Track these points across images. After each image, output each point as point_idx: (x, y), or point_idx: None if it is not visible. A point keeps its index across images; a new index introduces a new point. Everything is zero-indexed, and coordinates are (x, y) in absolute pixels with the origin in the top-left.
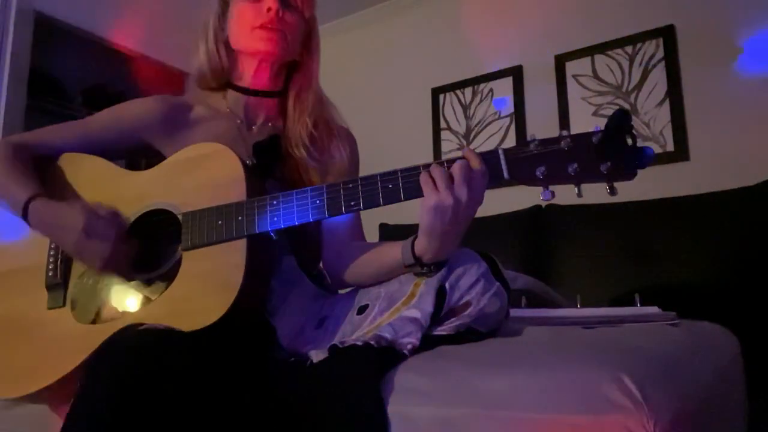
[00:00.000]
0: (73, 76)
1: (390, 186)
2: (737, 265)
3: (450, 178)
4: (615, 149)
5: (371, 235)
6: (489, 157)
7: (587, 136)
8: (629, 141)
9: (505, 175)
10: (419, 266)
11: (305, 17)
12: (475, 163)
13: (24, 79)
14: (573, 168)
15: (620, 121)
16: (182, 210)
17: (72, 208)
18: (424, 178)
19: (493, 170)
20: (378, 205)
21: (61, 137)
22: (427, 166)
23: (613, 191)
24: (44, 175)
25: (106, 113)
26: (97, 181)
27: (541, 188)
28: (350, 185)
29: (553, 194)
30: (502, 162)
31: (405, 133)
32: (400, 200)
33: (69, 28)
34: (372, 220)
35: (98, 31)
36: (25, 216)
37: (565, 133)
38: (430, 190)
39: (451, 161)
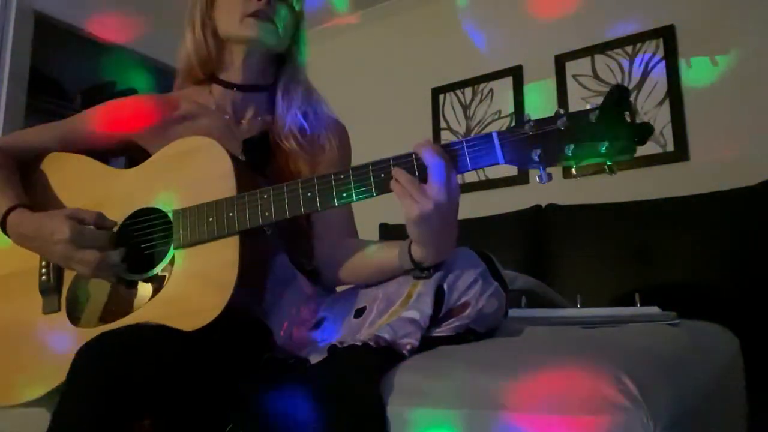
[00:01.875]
0: (73, 76)
1: (382, 175)
2: (737, 265)
3: (422, 182)
4: (613, 127)
5: (371, 235)
6: (483, 141)
7: (584, 114)
8: (627, 117)
9: (501, 159)
10: (419, 270)
11: (294, 8)
12: (439, 159)
13: (24, 79)
14: (570, 148)
15: (618, 97)
16: (171, 208)
17: (54, 219)
18: (397, 189)
19: (488, 154)
20: (371, 196)
21: (44, 139)
22: (403, 159)
23: (612, 171)
24: (29, 176)
25: (90, 113)
26: (84, 181)
27: (537, 170)
28: (341, 176)
29: (550, 176)
30: (497, 145)
31: (405, 133)
32: (392, 191)
33: (69, 28)
34: (372, 220)
35: (98, 32)
36: (3, 228)
37: (561, 111)
38: (409, 201)
39: (417, 159)
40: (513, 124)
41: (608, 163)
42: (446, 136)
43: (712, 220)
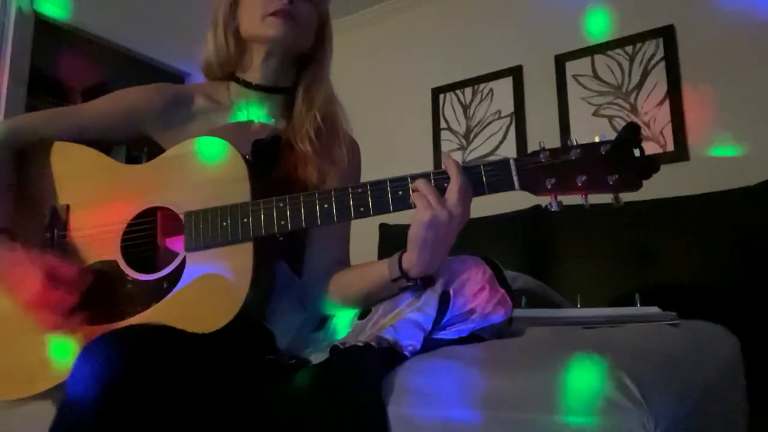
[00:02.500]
0: (73, 76)
1: (400, 193)
2: (737, 265)
3: (443, 193)
4: (623, 161)
5: (371, 235)
6: (500, 167)
7: (596, 146)
8: (636, 152)
9: (516, 186)
10: (405, 279)
11: (319, 9)
12: (463, 176)
13: (24, 79)
14: (582, 179)
15: (630, 134)
16: (184, 208)
17: (28, 267)
18: (415, 196)
19: (504, 180)
20: (387, 212)
21: (55, 125)
22: (423, 176)
23: (618, 202)
24: (32, 165)
25: (103, 100)
26: (92, 174)
27: (548, 197)
28: (359, 190)
29: (560, 204)
30: (513, 172)
31: (405, 133)
32: (409, 207)
33: (69, 28)
34: (372, 219)
35: (98, 31)
36: None
37: (575, 142)
38: (425, 205)
39: (441, 175)
40: (513, 124)
41: (615, 195)
42: (446, 136)
43: (712, 220)
